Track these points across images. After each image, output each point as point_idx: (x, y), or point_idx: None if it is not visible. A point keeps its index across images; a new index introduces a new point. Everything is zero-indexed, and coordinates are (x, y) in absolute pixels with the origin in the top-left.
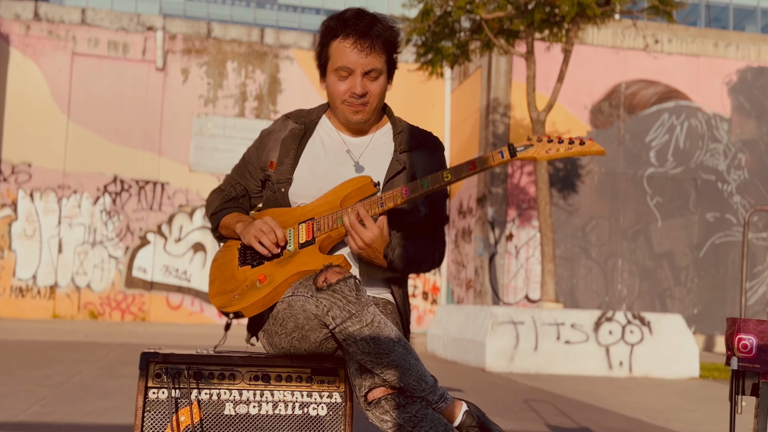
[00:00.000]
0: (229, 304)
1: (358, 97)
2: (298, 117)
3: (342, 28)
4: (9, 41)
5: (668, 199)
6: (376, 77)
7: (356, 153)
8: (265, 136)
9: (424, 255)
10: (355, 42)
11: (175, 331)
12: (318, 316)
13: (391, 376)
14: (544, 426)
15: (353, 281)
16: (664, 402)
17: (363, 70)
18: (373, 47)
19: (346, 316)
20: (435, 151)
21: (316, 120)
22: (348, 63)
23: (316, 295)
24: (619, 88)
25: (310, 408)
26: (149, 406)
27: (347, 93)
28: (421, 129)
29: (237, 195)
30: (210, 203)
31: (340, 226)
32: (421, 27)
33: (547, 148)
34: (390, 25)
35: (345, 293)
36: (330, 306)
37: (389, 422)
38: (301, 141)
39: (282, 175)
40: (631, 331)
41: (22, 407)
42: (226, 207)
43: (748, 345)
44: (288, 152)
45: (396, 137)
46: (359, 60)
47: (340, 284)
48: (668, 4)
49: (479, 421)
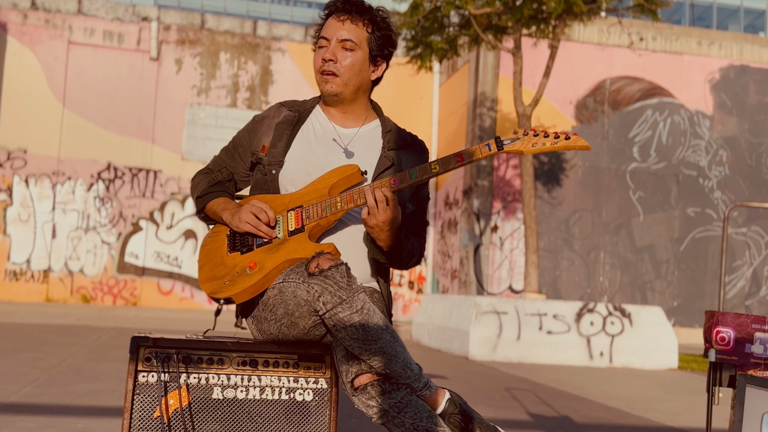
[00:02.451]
0: (219, 291)
1: (327, 62)
2: (292, 105)
3: (331, 8)
4: (6, 30)
5: (650, 194)
6: (350, 48)
7: (347, 143)
8: (258, 121)
9: (416, 251)
10: (336, 16)
11: (166, 316)
12: (309, 302)
13: (378, 363)
14: (525, 414)
15: (345, 268)
16: (643, 392)
17: (338, 39)
18: (352, 19)
19: (337, 301)
20: (421, 153)
21: (310, 109)
22: (325, 33)
23: (307, 280)
24: (603, 84)
25: (296, 393)
26: (139, 389)
27: (321, 62)
28: (408, 131)
29: (223, 179)
30: (196, 185)
31: (329, 215)
32: (411, 21)
33: (534, 142)
34: (378, 8)
35: (336, 279)
36: (321, 291)
37: (374, 408)
38: (294, 127)
39: (274, 157)
40: (611, 323)
41: (15, 388)
42: (212, 191)
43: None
44: (281, 136)
45: (385, 135)
46: (336, 29)
47: (331, 270)
48: (653, 3)
49: (461, 410)
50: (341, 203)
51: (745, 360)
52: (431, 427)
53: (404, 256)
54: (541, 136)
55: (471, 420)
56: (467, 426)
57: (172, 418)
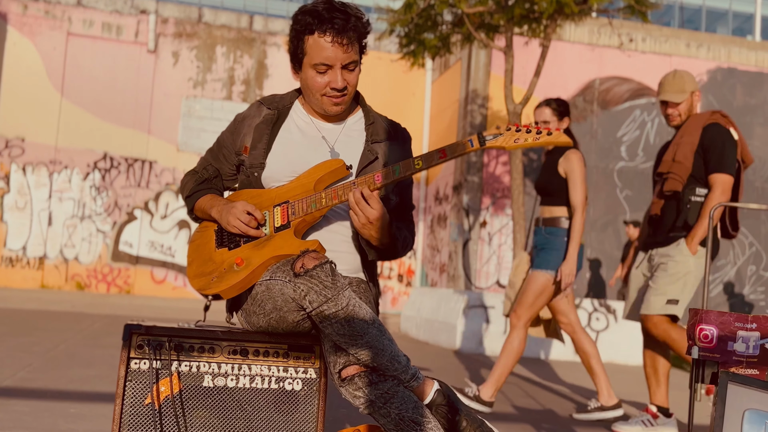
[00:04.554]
0: (207, 287)
1: (339, 91)
2: (271, 102)
3: (318, 24)
4: (7, 20)
5: (637, 192)
6: (353, 68)
7: (330, 139)
8: (239, 121)
9: (408, 240)
10: (333, 38)
11: (159, 305)
12: (296, 300)
13: (365, 356)
14: (510, 407)
15: (329, 266)
16: (627, 387)
17: (342, 64)
18: (351, 41)
19: (323, 300)
20: (404, 142)
21: (289, 105)
22: (327, 59)
23: (293, 280)
24: (593, 84)
25: (285, 383)
26: (131, 375)
27: (327, 86)
28: (391, 120)
29: (210, 176)
30: (184, 185)
31: (314, 211)
32: (405, 19)
33: (516, 137)
34: (360, 15)
35: (321, 278)
36: (307, 291)
37: (361, 398)
38: (274, 126)
39: (255, 159)
40: (597, 318)
41: (9, 372)
42: (200, 189)
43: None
44: (261, 137)
45: (368, 127)
46: (339, 55)
47: (316, 269)
48: (643, 5)
49: (449, 401)
50: (326, 199)
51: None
52: (416, 417)
53: (399, 248)
54: (524, 131)
55: (457, 412)
56: (453, 417)
57: (163, 405)
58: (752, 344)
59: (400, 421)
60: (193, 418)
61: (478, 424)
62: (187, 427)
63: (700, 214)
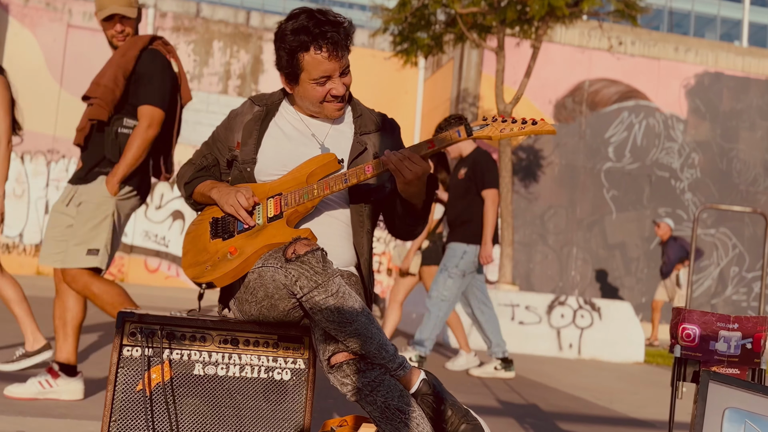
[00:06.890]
0: (201, 275)
1: (340, 98)
2: (260, 100)
3: (313, 41)
4: (8, 11)
5: (623, 193)
6: (348, 71)
7: (320, 135)
8: (233, 117)
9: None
10: (330, 53)
11: (152, 294)
12: (287, 286)
13: (354, 344)
14: (495, 401)
15: (320, 253)
16: (610, 384)
17: (339, 72)
18: (344, 49)
19: (313, 285)
20: (393, 130)
21: (278, 102)
22: (326, 72)
23: (285, 266)
24: (582, 86)
25: (275, 372)
26: (123, 362)
27: (327, 94)
28: (378, 112)
29: (209, 164)
30: (183, 174)
31: (306, 201)
32: (399, 18)
33: (502, 128)
34: (344, 20)
35: (312, 264)
36: (298, 276)
37: (349, 386)
38: (262, 123)
39: (246, 155)
40: (581, 316)
41: (3, 358)
42: (199, 176)
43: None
44: (251, 134)
45: (356, 120)
46: (336, 66)
47: (307, 256)
48: (633, 9)
49: (435, 391)
50: (317, 190)
51: (709, 357)
52: (402, 406)
53: (429, 207)
54: (509, 122)
55: (443, 401)
56: (439, 407)
57: (154, 392)
58: (734, 344)
59: (386, 409)
60: (183, 406)
61: (462, 414)
62: (177, 414)
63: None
